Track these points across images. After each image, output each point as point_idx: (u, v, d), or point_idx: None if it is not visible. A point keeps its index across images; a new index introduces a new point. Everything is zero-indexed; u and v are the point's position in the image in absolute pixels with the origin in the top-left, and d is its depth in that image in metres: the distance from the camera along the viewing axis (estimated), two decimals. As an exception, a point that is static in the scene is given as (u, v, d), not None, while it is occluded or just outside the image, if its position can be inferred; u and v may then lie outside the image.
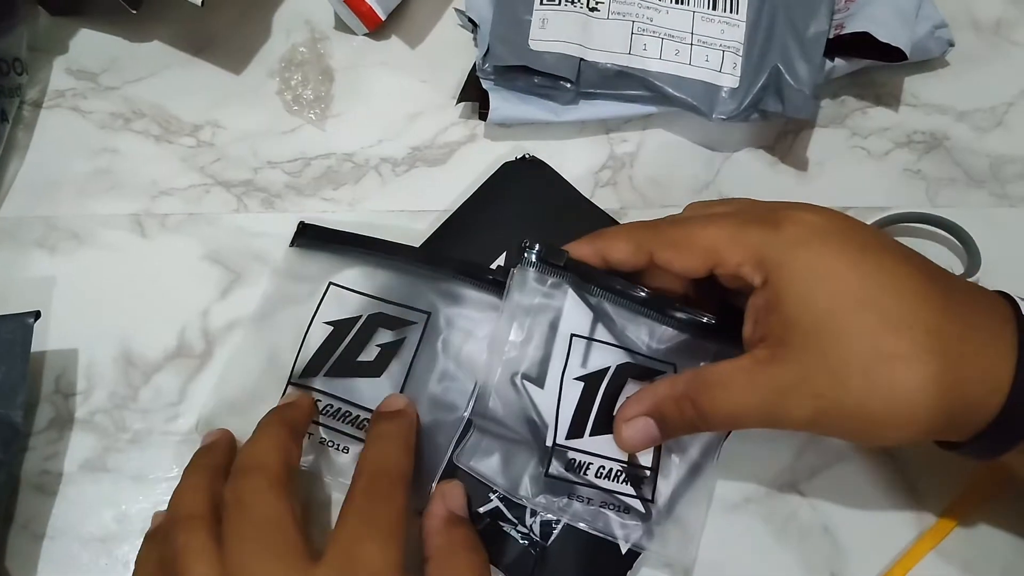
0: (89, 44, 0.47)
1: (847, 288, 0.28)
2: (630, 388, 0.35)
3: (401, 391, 0.36)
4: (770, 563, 0.37)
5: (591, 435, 0.34)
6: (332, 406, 0.36)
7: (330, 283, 0.38)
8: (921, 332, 0.28)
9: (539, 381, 0.34)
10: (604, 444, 0.34)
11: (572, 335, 0.35)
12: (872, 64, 0.43)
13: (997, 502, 0.37)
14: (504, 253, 0.40)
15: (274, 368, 0.37)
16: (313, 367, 0.37)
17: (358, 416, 0.36)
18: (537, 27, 0.42)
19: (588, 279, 0.35)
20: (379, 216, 0.43)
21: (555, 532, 0.35)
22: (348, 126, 0.45)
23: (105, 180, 0.43)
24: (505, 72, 0.42)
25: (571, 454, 0.34)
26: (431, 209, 0.42)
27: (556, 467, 0.34)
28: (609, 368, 0.35)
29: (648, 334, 0.35)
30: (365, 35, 0.47)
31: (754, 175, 0.44)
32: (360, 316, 0.37)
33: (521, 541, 0.35)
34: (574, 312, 0.35)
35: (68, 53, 0.46)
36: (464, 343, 0.37)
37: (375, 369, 0.36)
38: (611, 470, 0.34)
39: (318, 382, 0.37)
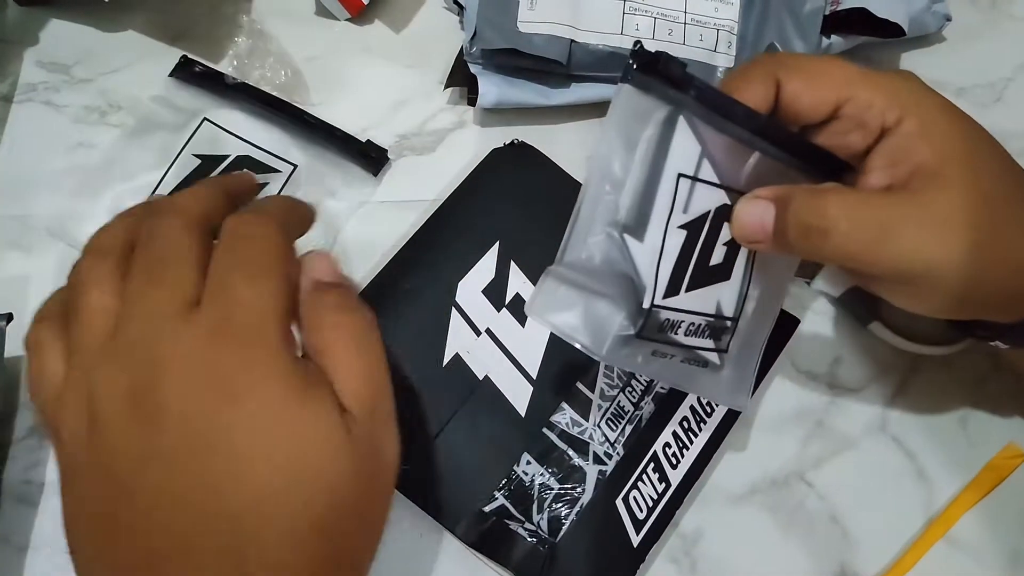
0: (61, 35, 0.45)
1: (978, 132, 0.29)
2: (727, 233, 0.30)
3: None
4: (778, 555, 0.36)
5: (687, 291, 0.30)
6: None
7: (204, 118, 0.41)
8: None
9: (639, 233, 0.29)
10: (697, 299, 0.30)
11: (679, 175, 0.29)
12: (869, 40, 0.42)
13: (1006, 487, 0.36)
14: (497, 242, 0.39)
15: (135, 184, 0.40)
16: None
17: None
18: (526, 8, 0.41)
19: (706, 100, 0.29)
20: (367, 207, 0.41)
21: (564, 527, 0.34)
22: (332, 115, 0.43)
23: (81, 176, 0.42)
24: (493, 56, 0.41)
25: (665, 314, 0.30)
26: (420, 199, 0.41)
27: (648, 329, 0.29)
28: (709, 212, 0.30)
29: (753, 171, 0.30)
30: (347, 20, 0.45)
31: (751, 157, 0.43)
32: (229, 155, 0.40)
33: (529, 539, 0.34)
34: (683, 145, 0.29)
35: (39, 45, 0.45)
36: (322, 200, 0.39)
37: None
38: (699, 326, 0.31)
39: None
